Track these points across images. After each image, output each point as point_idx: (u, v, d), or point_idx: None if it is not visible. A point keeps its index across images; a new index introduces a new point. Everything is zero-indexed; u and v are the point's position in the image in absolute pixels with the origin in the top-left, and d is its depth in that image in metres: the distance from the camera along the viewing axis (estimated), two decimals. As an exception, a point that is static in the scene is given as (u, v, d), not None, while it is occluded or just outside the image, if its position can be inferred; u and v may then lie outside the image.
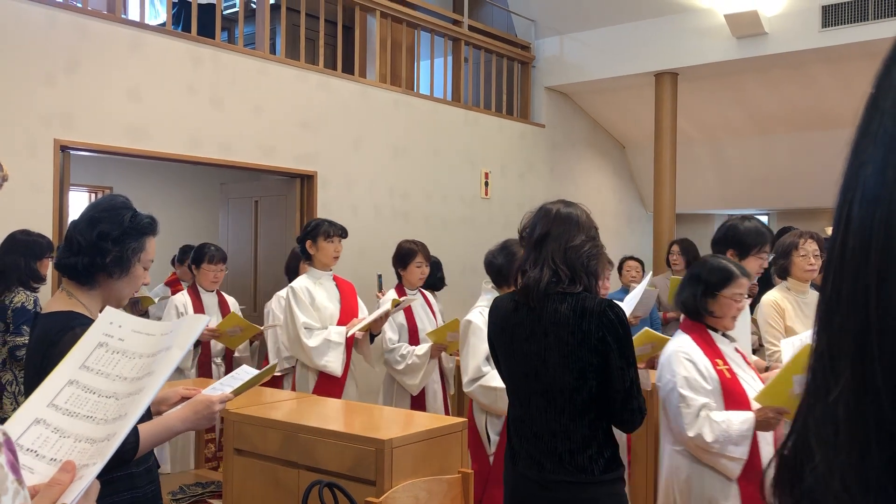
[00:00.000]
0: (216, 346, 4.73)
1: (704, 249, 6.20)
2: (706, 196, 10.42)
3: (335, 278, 4.37)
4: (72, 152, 5.06)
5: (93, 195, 8.41)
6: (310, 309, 4.15)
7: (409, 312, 4.54)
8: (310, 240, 4.24)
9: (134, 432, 1.86)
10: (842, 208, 0.44)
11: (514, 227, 3.23)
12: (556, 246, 2.26)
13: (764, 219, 12.41)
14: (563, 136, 9.25)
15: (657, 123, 8.17)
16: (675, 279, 6.14)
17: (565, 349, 2.20)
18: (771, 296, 3.74)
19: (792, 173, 9.44)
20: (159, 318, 4.97)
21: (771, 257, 3.61)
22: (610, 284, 4.20)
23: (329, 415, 3.19)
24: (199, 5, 5.86)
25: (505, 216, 8.07)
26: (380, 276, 5.54)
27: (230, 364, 4.79)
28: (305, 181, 6.41)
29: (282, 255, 6.55)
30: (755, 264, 3.28)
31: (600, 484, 2.22)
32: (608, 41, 8.33)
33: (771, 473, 0.47)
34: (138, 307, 5.07)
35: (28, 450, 1.04)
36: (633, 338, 2.32)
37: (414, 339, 4.48)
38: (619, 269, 6.64)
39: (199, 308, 4.76)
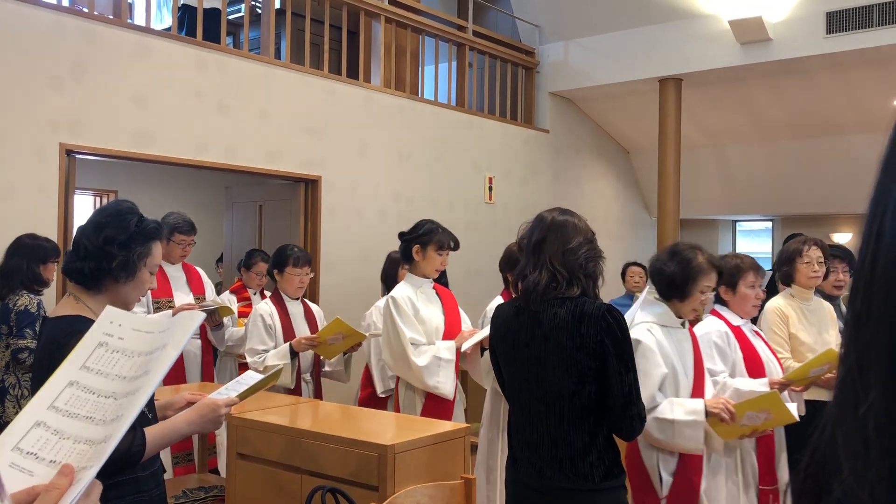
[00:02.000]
0: (305, 358, 4.14)
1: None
2: (710, 202, 10.41)
3: (435, 286, 3.88)
4: (77, 157, 5.08)
5: (98, 199, 8.44)
6: (414, 322, 3.62)
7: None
8: (418, 245, 3.74)
9: (141, 435, 1.87)
10: (872, 223, 0.44)
11: (516, 232, 3.23)
12: (553, 250, 2.29)
13: (767, 225, 12.40)
14: (567, 141, 9.25)
15: (661, 129, 8.17)
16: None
17: (564, 353, 2.21)
18: (775, 303, 3.73)
19: (796, 179, 9.44)
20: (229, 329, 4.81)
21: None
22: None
23: (332, 420, 3.19)
24: (205, 10, 5.88)
25: (509, 221, 8.07)
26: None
27: (314, 379, 4.28)
28: (310, 185, 6.42)
29: (286, 259, 6.56)
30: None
31: (601, 491, 2.21)
32: (612, 47, 8.34)
33: (794, 486, 0.48)
34: (215, 317, 4.56)
35: (28, 453, 1.04)
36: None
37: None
38: (623, 275, 6.63)
39: (285, 319, 4.19)
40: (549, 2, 8.63)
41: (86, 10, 5.15)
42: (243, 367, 4.97)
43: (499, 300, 3.70)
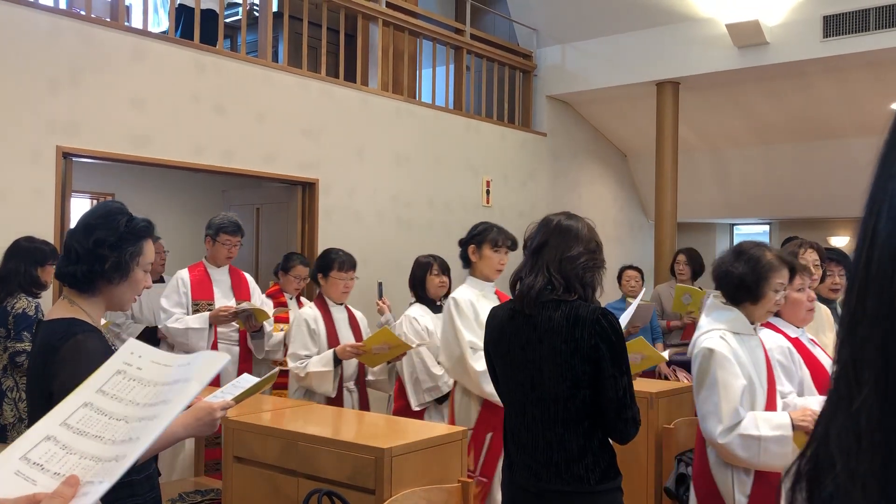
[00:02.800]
0: (349, 366, 4.07)
1: (707, 259, 6.20)
2: (707, 205, 10.42)
3: (497, 292, 3.67)
4: (74, 159, 5.07)
5: (95, 202, 8.43)
6: (474, 325, 3.43)
7: None
8: (474, 245, 3.58)
9: None
10: (868, 221, 0.44)
11: (516, 235, 3.23)
12: (552, 255, 2.29)
13: (765, 228, 12.42)
14: (564, 144, 9.26)
15: (659, 132, 8.18)
16: (681, 287, 6.15)
17: (559, 357, 2.21)
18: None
19: (793, 183, 9.45)
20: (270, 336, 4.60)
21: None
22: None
23: (329, 423, 3.18)
24: (202, 11, 5.87)
25: (506, 224, 8.01)
26: (380, 284, 5.54)
27: (359, 388, 4.18)
28: (307, 188, 6.42)
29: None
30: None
31: (597, 494, 2.21)
32: (610, 50, 8.35)
33: (788, 482, 0.48)
34: (252, 321, 4.39)
35: (34, 463, 1.07)
36: (627, 344, 2.30)
37: None
38: (619, 278, 6.63)
39: (329, 324, 4.06)
40: (547, 5, 8.64)
41: (83, 12, 5.14)
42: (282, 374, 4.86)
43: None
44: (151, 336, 4.73)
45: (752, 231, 12.81)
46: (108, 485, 1.03)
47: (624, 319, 3.59)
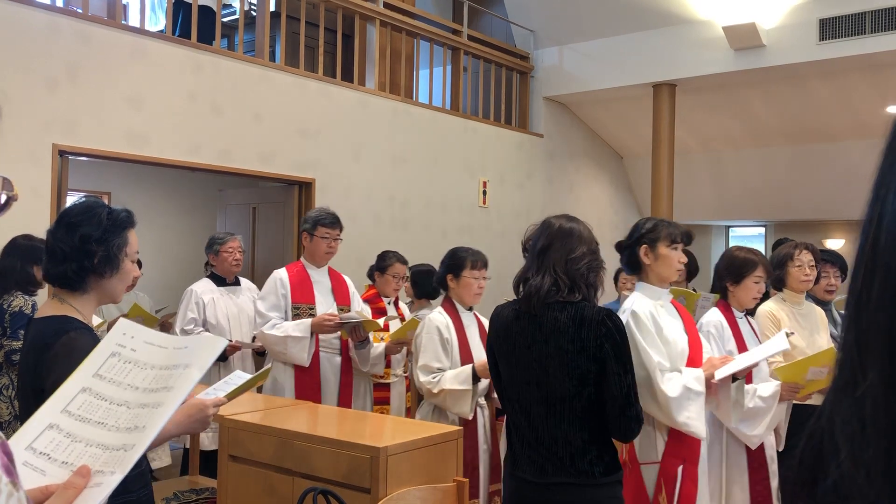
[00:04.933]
0: (484, 381, 3.47)
1: (702, 261, 6.21)
2: (704, 207, 10.45)
3: (673, 302, 3.16)
4: (71, 158, 5.07)
5: (91, 200, 8.40)
6: (658, 342, 2.88)
7: None
8: (646, 245, 2.99)
9: None
10: (874, 204, 0.44)
11: (512, 235, 3.23)
12: (557, 257, 2.33)
13: (761, 230, 12.44)
14: (561, 145, 9.27)
15: (655, 134, 8.20)
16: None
17: (565, 357, 2.25)
18: (767, 306, 3.75)
19: (789, 185, 9.48)
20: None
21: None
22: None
23: (324, 422, 3.18)
24: (199, 7, 5.85)
25: (503, 225, 8.09)
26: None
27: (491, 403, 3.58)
28: (303, 188, 6.42)
29: (279, 261, 6.56)
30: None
31: (601, 486, 2.27)
32: (607, 52, 8.36)
33: (788, 474, 0.48)
34: (360, 331, 3.93)
35: (41, 453, 1.07)
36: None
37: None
38: (616, 279, 6.65)
39: (461, 332, 3.54)
40: (544, 7, 8.65)
41: (80, 10, 5.14)
42: (379, 387, 4.49)
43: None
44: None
45: (747, 233, 12.83)
46: (121, 476, 1.03)
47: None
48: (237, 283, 5.08)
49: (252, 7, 6.88)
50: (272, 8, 6.40)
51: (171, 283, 7.60)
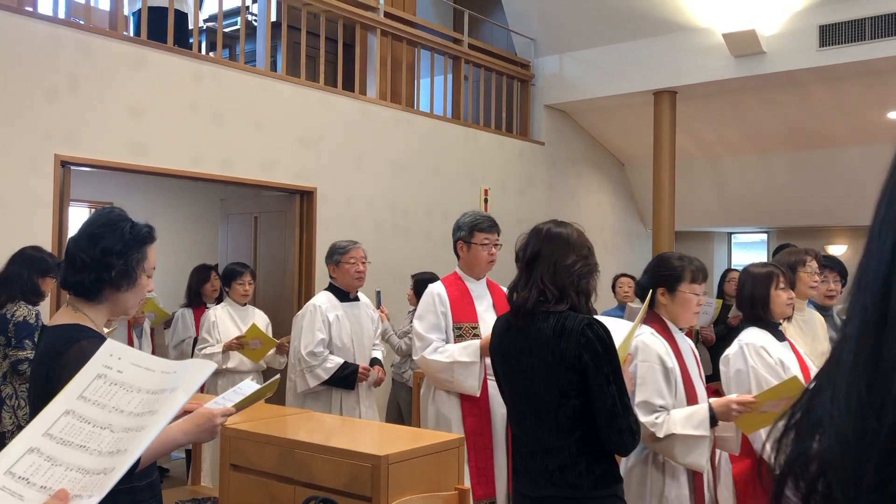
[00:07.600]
0: None
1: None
2: (705, 213, 10.45)
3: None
4: (73, 168, 5.08)
5: (93, 210, 8.43)
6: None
7: None
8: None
9: None
10: (890, 182, 0.47)
11: (514, 244, 3.24)
12: (545, 266, 2.29)
13: (762, 237, 12.42)
14: (562, 153, 9.28)
15: (656, 141, 8.21)
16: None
17: (546, 368, 2.22)
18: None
19: (790, 191, 9.47)
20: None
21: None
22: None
23: (325, 431, 3.18)
24: (150, 8, 5.57)
25: (504, 233, 8.04)
26: (378, 293, 5.55)
27: None
28: (305, 197, 6.43)
29: (281, 270, 6.56)
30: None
31: (593, 500, 2.22)
32: (607, 60, 8.38)
33: (775, 438, 0.50)
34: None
35: (20, 477, 1.06)
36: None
37: None
38: (613, 286, 6.66)
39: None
40: (545, 15, 8.67)
41: (82, 22, 5.17)
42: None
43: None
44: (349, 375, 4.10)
45: (749, 240, 12.82)
46: (98, 499, 1.03)
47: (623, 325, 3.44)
48: (356, 297, 4.46)
49: (253, 18, 6.91)
50: (273, 18, 6.42)
51: (172, 293, 7.60)
